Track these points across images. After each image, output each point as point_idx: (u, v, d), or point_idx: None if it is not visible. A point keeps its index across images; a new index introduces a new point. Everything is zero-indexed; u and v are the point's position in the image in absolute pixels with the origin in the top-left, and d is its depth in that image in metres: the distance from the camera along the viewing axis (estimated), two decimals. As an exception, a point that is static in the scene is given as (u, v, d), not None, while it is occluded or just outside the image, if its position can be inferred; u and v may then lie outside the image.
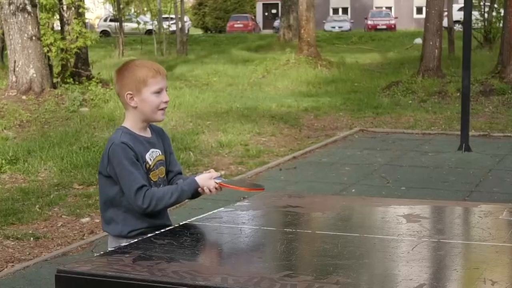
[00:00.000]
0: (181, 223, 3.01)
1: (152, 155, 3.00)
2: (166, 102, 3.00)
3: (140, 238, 2.79)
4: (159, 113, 2.99)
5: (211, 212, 3.19)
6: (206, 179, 2.95)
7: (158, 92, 2.95)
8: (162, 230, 2.90)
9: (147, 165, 2.97)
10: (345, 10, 55.74)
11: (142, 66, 2.97)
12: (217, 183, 2.94)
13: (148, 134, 3.05)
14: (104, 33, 40.16)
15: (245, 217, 3.12)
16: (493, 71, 14.79)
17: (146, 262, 2.41)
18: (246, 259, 2.51)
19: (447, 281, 2.26)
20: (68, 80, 13.60)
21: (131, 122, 3.00)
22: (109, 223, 3.02)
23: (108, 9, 41.03)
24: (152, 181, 2.97)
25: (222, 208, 3.28)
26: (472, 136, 9.75)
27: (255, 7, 56.93)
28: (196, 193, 3.00)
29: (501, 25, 17.91)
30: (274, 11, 56.87)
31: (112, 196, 2.97)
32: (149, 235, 2.82)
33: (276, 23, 46.82)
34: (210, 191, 2.94)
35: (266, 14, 57.85)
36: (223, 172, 8.18)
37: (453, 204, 3.65)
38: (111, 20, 39.19)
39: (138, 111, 2.97)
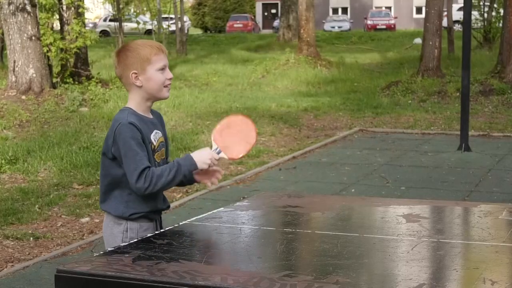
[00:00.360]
0: (180, 223, 3.01)
1: (156, 136, 3.00)
2: (170, 79, 3.00)
3: (139, 239, 2.79)
4: (164, 90, 2.99)
5: (211, 212, 3.19)
6: (203, 152, 2.97)
7: (162, 69, 2.96)
8: (161, 230, 2.90)
9: (152, 146, 2.97)
10: (344, 10, 55.75)
11: (144, 45, 2.98)
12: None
13: (150, 115, 3.05)
14: (104, 33, 40.16)
15: (244, 217, 3.12)
16: (493, 71, 14.80)
17: (146, 262, 2.41)
18: (245, 259, 2.51)
19: (446, 281, 2.26)
20: (67, 80, 13.59)
21: (135, 103, 2.99)
22: (111, 202, 2.99)
23: (107, 9, 41.04)
24: (156, 162, 2.98)
25: (222, 208, 3.28)
26: (472, 136, 9.76)
27: (254, 7, 56.92)
28: (191, 178, 3.00)
29: (500, 25, 17.92)
30: (273, 11, 56.88)
31: (118, 177, 2.94)
32: (148, 235, 2.83)
33: (276, 23, 46.82)
34: (208, 166, 2.95)
35: (266, 14, 57.85)
36: (222, 172, 8.18)
37: (453, 204, 3.65)
38: (110, 20, 39.18)
39: (143, 90, 2.96)
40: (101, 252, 2.61)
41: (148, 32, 35.04)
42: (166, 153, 3.10)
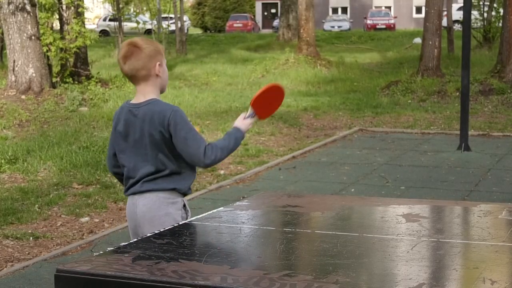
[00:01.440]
0: (180, 223, 3.01)
1: None
2: None
3: (139, 238, 2.79)
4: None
5: (211, 212, 3.19)
6: (241, 120, 3.31)
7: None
8: (161, 230, 2.90)
9: None
10: (344, 10, 55.74)
11: (151, 41, 3.23)
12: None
13: None
14: (104, 32, 40.16)
15: (244, 216, 3.12)
16: (493, 71, 14.80)
17: (146, 261, 2.41)
18: (245, 259, 2.51)
19: (446, 280, 2.26)
20: (67, 80, 13.60)
21: (155, 94, 3.19)
22: (176, 180, 3.18)
23: (107, 9, 41.03)
24: None
25: (222, 208, 3.28)
26: (472, 135, 9.76)
27: (254, 7, 56.91)
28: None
29: (500, 24, 17.92)
30: (273, 10, 56.87)
31: (170, 156, 3.14)
32: (148, 235, 2.83)
33: (276, 22, 46.82)
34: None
35: (266, 13, 57.85)
36: (222, 172, 8.18)
37: (453, 204, 3.65)
38: (110, 20, 39.17)
39: (160, 81, 3.19)
40: (101, 252, 2.61)
41: (148, 31, 35.04)
42: None
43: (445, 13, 22.90)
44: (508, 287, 2.13)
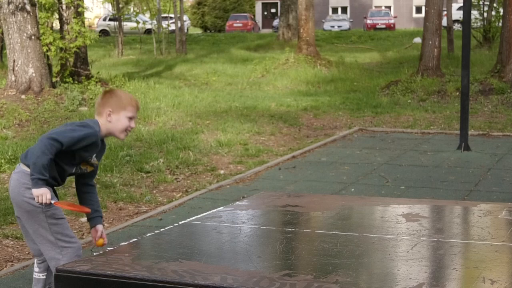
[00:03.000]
0: (180, 223, 3.01)
1: (93, 159, 3.69)
2: (132, 128, 3.73)
3: (138, 238, 2.79)
4: (123, 133, 3.71)
5: (211, 212, 3.19)
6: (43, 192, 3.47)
7: (131, 118, 3.69)
8: (161, 230, 2.90)
9: (89, 159, 3.65)
10: (344, 10, 55.74)
11: (127, 96, 3.75)
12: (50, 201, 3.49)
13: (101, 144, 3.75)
14: (103, 32, 40.15)
15: (244, 216, 3.12)
16: (492, 70, 14.79)
17: (145, 261, 2.41)
18: (245, 259, 2.51)
19: (446, 280, 2.26)
20: (67, 80, 13.59)
21: (101, 130, 3.68)
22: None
23: (107, 8, 41.03)
24: (80, 168, 3.66)
25: (222, 208, 3.28)
26: (471, 135, 9.75)
27: (254, 7, 56.91)
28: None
29: (500, 24, 17.92)
30: (273, 10, 56.86)
31: None
32: (148, 234, 2.82)
33: (275, 22, 46.81)
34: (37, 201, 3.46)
35: (265, 13, 57.84)
36: (222, 172, 8.18)
37: (452, 204, 3.65)
38: (110, 20, 39.17)
39: (109, 125, 3.67)
40: (101, 252, 2.61)
41: (148, 31, 35.06)
42: (92, 175, 3.76)
43: (445, 12, 22.91)
44: (508, 287, 2.13)
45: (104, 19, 43.19)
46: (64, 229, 3.54)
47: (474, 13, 22.12)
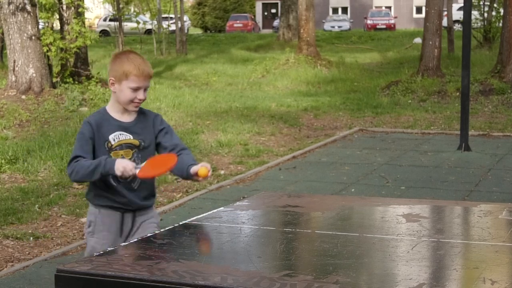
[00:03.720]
0: (180, 223, 3.01)
1: (119, 137, 3.26)
2: (140, 100, 3.26)
3: (139, 238, 2.79)
4: (131, 105, 3.28)
5: (211, 212, 3.20)
6: (125, 162, 3.15)
7: (135, 89, 3.24)
8: (162, 230, 2.90)
9: (109, 144, 3.25)
10: (344, 10, 55.75)
11: (132, 61, 3.24)
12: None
13: (126, 119, 3.30)
14: (104, 32, 40.15)
15: (244, 216, 3.12)
16: (493, 71, 14.79)
17: (146, 261, 2.41)
18: (245, 259, 2.51)
19: (446, 280, 2.26)
20: (67, 80, 13.59)
21: (111, 104, 3.37)
22: (88, 189, 3.41)
23: (107, 9, 41.03)
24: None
25: (222, 208, 3.28)
26: (472, 135, 9.75)
27: (254, 7, 56.91)
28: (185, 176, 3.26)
29: (500, 24, 17.91)
30: (273, 10, 56.87)
31: None
32: (148, 234, 2.83)
33: (276, 22, 46.81)
34: (123, 176, 3.14)
35: (266, 13, 57.85)
36: (222, 172, 8.18)
37: (453, 204, 3.65)
38: (110, 20, 39.17)
39: (116, 96, 3.30)
40: (101, 252, 2.61)
41: (148, 32, 35.05)
42: (135, 156, 3.27)
43: (445, 13, 22.90)
44: (509, 287, 2.13)
45: (105, 20, 43.21)
46: None
47: (475, 14, 22.11)
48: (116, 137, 3.25)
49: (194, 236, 2.85)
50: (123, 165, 3.11)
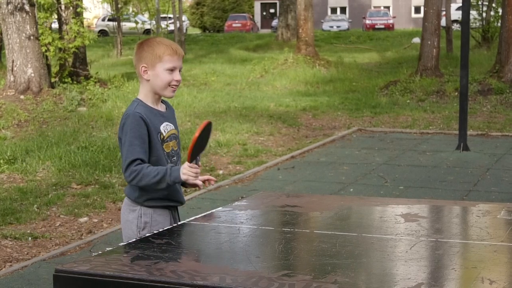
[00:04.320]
0: (179, 223, 3.01)
1: (166, 128, 3.13)
2: (177, 81, 3.12)
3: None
4: (168, 89, 3.12)
5: (209, 212, 3.20)
6: (184, 170, 3.02)
7: (171, 70, 3.09)
8: (160, 230, 2.90)
9: (162, 136, 3.10)
10: (343, 10, 55.75)
11: (161, 43, 3.12)
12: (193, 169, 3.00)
13: (161, 108, 3.18)
14: (102, 32, 40.15)
15: (243, 216, 3.12)
16: (491, 71, 14.80)
17: (144, 261, 2.41)
18: (244, 259, 2.51)
19: (445, 280, 2.26)
20: (66, 80, 13.59)
21: (144, 95, 3.14)
22: (129, 187, 3.14)
23: (106, 9, 41.01)
24: (165, 152, 3.12)
25: (220, 208, 3.28)
26: (470, 135, 9.76)
27: (253, 7, 56.91)
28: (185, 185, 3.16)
29: (499, 24, 17.92)
30: (272, 10, 56.87)
31: None
32: (147, 235, 2.82)
33: (274, 22, 46.82)
34: (188, 181, 3.02)
35: (264, 13, 57.85)
36: (221, 172, 8.18)
37: (451, 204, 3.65)
38: (109, 20, 39.18)
39: (150, 85, 3.11)
40: (100, 252, 2.61)
41: (147, 31, 35.04)
42: (178, 145, 3.24)
43: (443, 13, 22.92)
44: (507, 287, 2.13)
45: (103, 19, 43.19)
46: None
47: (473, 13, 22.13)
48: (165, 128, 3.13)
49: (193, 236, 2.85)
50: (184, 172, 3.01)
